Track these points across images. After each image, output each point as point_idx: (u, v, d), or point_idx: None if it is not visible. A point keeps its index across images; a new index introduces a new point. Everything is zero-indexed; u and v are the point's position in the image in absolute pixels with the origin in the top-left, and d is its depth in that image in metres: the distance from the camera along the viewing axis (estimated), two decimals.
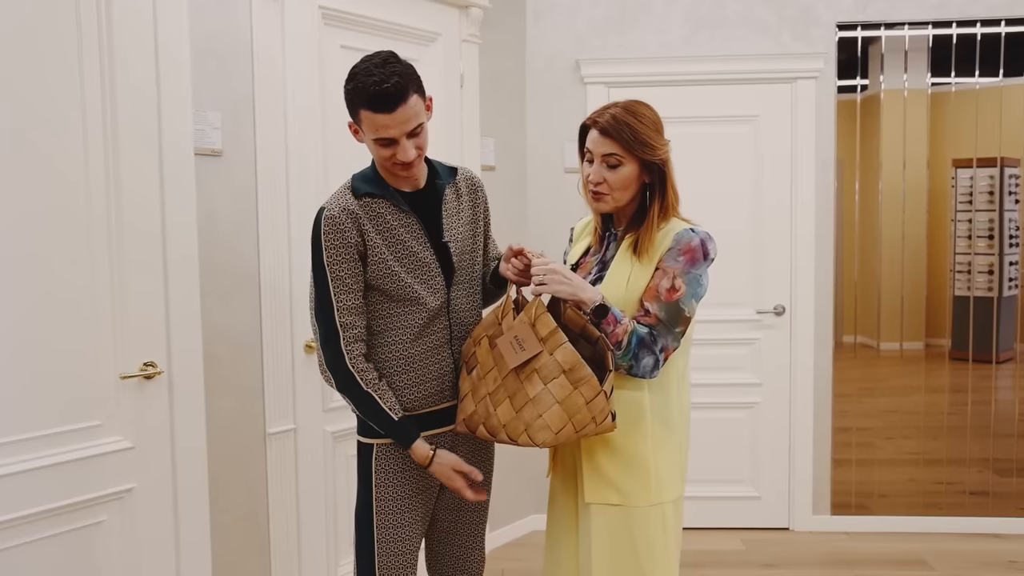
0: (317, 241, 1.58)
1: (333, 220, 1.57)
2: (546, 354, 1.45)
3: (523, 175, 3.25)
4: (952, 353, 3.23)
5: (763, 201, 3.20)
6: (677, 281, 1.50)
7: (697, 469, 3.24)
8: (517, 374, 1.49)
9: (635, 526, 1.53)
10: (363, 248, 1.59)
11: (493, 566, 2.96)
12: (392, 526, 1.66)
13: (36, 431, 1.75)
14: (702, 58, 3.17)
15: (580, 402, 1.43)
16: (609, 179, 1.54)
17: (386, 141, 1.53)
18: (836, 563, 2.96)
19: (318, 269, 1.59)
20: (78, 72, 1.79)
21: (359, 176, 1.65)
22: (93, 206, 1.82)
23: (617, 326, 1.47)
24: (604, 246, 1.64)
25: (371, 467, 1.66)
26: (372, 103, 1.49)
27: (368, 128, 1.53)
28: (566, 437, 1.47)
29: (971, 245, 3.20)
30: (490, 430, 1.53)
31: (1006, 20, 3.11)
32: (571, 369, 1.43)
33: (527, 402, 1.46)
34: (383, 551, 1.65)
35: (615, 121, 1.52)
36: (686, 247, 1.52)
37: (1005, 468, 3.22)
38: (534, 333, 1.46)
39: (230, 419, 2.23)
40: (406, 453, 1.64)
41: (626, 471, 1.53)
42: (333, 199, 1.61)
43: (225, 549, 2.21)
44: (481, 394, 1.54)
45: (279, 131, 2.33)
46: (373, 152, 1.59)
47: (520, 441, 1.49)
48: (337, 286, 1.58)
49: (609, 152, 1.53)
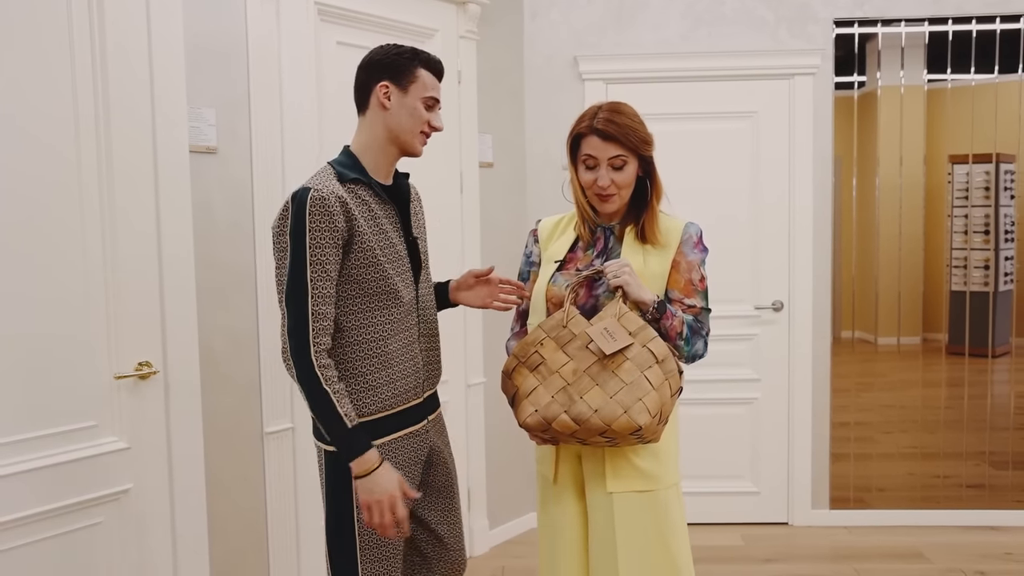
0: (300, 222, 1.50)
1: (323, 202, 1.50)
2: (638, 345, 1.53)
3: (522, 172, 3.23)
4: (949, 348, 3.24)
5: (761, 197, 3.20)
6: (703, 270, 1.66)
7: (696, 465, 3.24)
8: (605, 365, 1.54)
9: (658, 509, 1.60)
10: (348, 236, 1.55)
11: (493, 563, 2.96)
12: (376, 536, 1.60)
13: (31, 432, 1.73)
14: (700, 54, 3.17)
15: (668, 393, 1.54)
16: (617, 180, 1.61)
17: (432, 102, 1.65)
18: (835, 557, 2.97)
19: (297, 251, 1.51)
20: (70, 69, 1.76)
21: (340, 163, 1.62)
22: (87, 204, 1.80)
23: (674, 319, 1.59)
24: (602, 240, 1.68)
25: (350, 478, 1.57)
26: (432, 66, 1.65)
27: (421, 87, 1.63)
28: (652, 429, 1.51)
29: (967, 240, 3.21)
30: (575, 417, 1.53)
31: (1001, 17, 3.12)
32: (664, 360, 1.53)
33: (623, 387, 1.52)
34: (368, 556, 1.60)
35: (615, 125, 1.58)
36: (697, 239, 1.67)
37: (1001, 461, 3.24)
38: (622, 327, 1.54)
39: (227, 418, 2.21)
40: (386, 450, 1.59)
41: (649, 455, 1.60)
42: (319, 181, 1.55)
43: (223, 549, 2.19)
44: (557, 386, 1.56)
45: (275, 128, 2.31)
46: (407, 115, 1.62)
47: (615, 425, 1.50)
48: (316, 271, 1.51)
49: (615, 154, 1.60)
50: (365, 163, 1.63)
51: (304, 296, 1.51)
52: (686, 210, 2.16)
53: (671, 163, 3.28)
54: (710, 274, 1.48)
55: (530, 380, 1.58)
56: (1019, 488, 3.23)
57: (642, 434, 1.50)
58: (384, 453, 1.59)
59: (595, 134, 1.59)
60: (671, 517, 1.61)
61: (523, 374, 1.59)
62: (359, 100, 1.66)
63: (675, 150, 3.22)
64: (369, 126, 1.64)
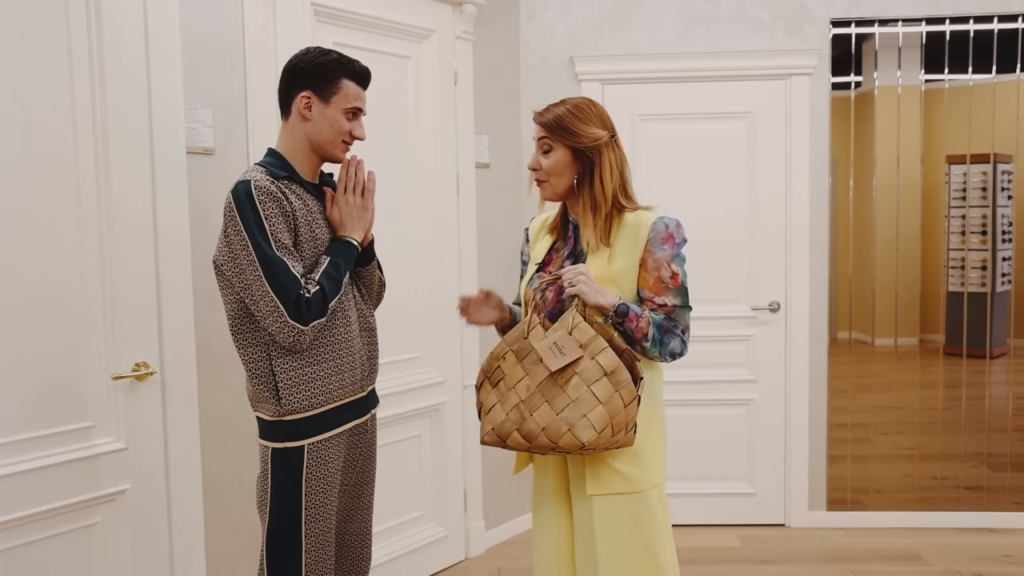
0: (252, 208, 1.51)
1: (266, 189, 1.53)
2: (587, 358, 1.51)
3: (518, 172, 3.24)
4: (946, 349, 3.24)
5: (758, 197, 3.20)
6: (673, 267, 1.60)
7: (693, 466, 3.25)
8: (555, 379, 1.53)
9: (639, 510, 1.59)
10: (294, 221, 1.58)
11: (490, 564, 2.96)
12: (321, 530, 1.62)
13: (28, 433, 1.73)
14: (696, 55, 3.17)
15: (619, 404, 1.50)
16: (543, 164, 1.64)
17: (355, 112, 1.66)
18: (832, 558, 2.97)
19: (256, 238, 1.51)
20: (67, 71, 1.77)
21: (269, 162, 1.65)
22: (84, 206, 1.81)
23: (640, 320, 1.57)
24: (571, 238, 1.69)
25: (300, 472, 1.60)
26: (357, 76, 1.65)
27: (343, 98, 1.64)
28: (604, 441, 1.50)
29: (964, 241, 3.20)
30: (525, 435, 1.54)
31: (999, 16, 3.12)
32: (613, 372, 1.50)
33: (569, 403, 1.51)
34: (312, 557, 1.61)
35: (548, 112, 1.64)
36: (666, 235, 1.60)
37: (999, 463, 3.24)
38: (573, 340, 1.53)
39: (224, 418, 2.21)
40: (337, 451, 1.64)
41: (628, 458, 1.59)
42: (254, 175, 1.57)
43: (219, 549, 2.20)
44: (512, 403, 1.56)
45: (272, 128, 2.31)
46: (328, 126, 1.63)
47: (562, 443, 1.51)
48: (279, 246, 1.53)
49: (539, 136, 1.65)
50: (293, 163, 1.66)
51: (283, 266, 1.52)
52: (682, 210, 2.16)
53: (668, 163, 3.31)
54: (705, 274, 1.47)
55: (491, 396, 1.60)
56: (1017, 490, 3.23)
57: (589, 450, 1.50)
58: (327, 447, 1.62)
59: (535, 119, 1.66)
60: (653, 518, 1.60)
61: (487, 390, 1.62)
62: (282, 105, 1.68)
63: (672, 150, 3.22)
64: (291, 132, 1.66)
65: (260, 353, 1.59)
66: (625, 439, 1.52)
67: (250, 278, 1.53)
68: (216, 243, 1.62)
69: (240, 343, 1.61)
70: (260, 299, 1.53)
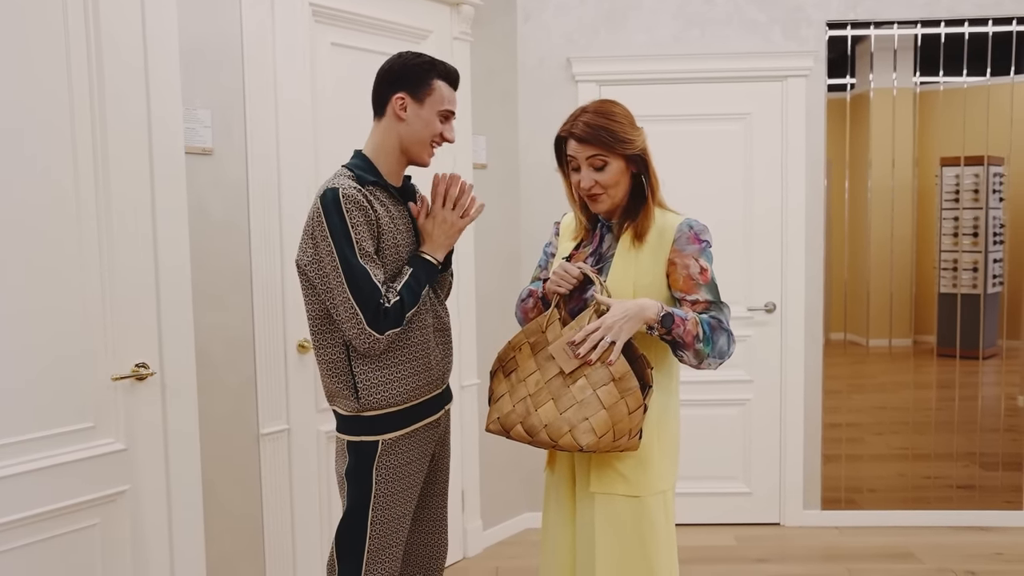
0: (339, 215, 1.55)
1: (353, 197, 1.57)
2: (598, 362, 1.51)
3: (515, 173, 3.24)
4: (939, 349, 3.27)
5: (754, 199, 3.22)
6: (702, 262, 1.60)
7: (689, 465, 3.26)
8: (564, 379, 1.53)
9: (640, 515, 1.58)
10: (377, 230, 1.62)
11: (488, 564, 2.97)
12: (389, 518, 1.66)
13: (27, 434, 1.73)
14: (692, 56, 3.18)
15: (624, 411, 1.49)
16: (600, 180, 1.61)
17: (447, 114, 1.70)
18: (827, 557, 2.99)
19: (342, 245, 1.56)
20: (65, 71, 1.76)
21: (356, 166, 1.68)
22: (83, 207, 1.80)
23: (686, 323, 1.53)
24: (599, 238, 1.69)
25: (372, 466, 1.66)
26: (449, 77, 1.69)
27: (437, 99, 1.67)
28: (605, 445, 1.51)
29: (957, 243, 3.23)
30: (528, 429, 1.56)
31: (993, 19, 3.14)
32: (621, 378, 1.50)
33: (573, 404, 1.51)
34: (376, 544, 1.65)
35: (589, 127, 1.59)
36: (691, 235, 1.62)
37: (991, 462, 3.27)
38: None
39: (223, 420, 2.21)
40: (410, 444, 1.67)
41: (633, 462, 1.58)
42: (341, 182, 1.60)
43: (219, 551, 2.20)
44: (520, 395, 1.57)
45: (270, 129, 2.31)
46: (422, 126, 1.66)
47: (561, 442, 1.52)
48: (364, 255, 1.57)
49: (592, 155, 1.60)
50: (379, 166, 1.69)
51: (365, 274, 1.56)
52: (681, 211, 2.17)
53: (664, 164, 3.29)
54: None
55: (502, 386, 1.62)
56: (1009, 489, 3.26)
57: (589, 451, 1.52)
58: (400, 442, 1.67)
59: (572, 137, 1.63)
60: (652, 526, 1.58)
61: (499, 379, 1.63)
62: (376, 106, 1.70)
63: (668, 152, 3.23)
64: (383, 133, 1.69)
65: (340, 354, 1.65)
66: (628, 444, 1.52)
67: (333, 284, 1.58)
68: (299, 246, 1.66)
69: (319, 343, 1.67)
70: (341, 304, 1.57)
